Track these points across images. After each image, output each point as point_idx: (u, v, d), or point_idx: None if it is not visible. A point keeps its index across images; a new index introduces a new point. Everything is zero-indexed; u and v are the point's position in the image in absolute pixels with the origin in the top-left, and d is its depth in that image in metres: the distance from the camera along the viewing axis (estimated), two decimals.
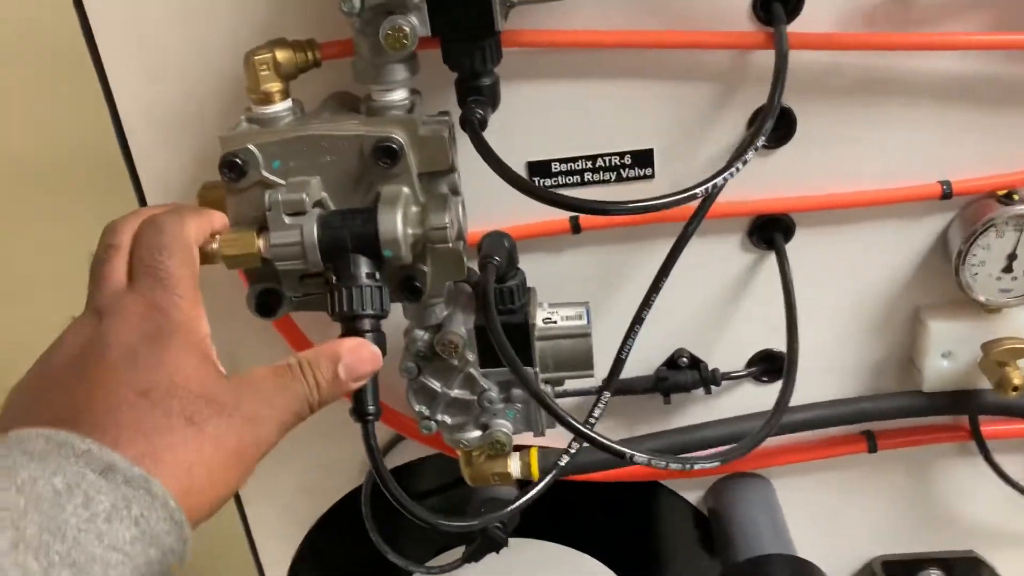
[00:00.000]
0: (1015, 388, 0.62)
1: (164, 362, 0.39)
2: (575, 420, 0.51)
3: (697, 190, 0.49)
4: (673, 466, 0.50)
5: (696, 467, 0.51)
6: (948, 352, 0.66)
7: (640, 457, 0.49)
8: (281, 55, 0.53)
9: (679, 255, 0.61)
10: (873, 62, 0.58)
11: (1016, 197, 0.60)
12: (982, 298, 0.63)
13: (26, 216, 0.99)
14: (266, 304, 0.54)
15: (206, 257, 0.50)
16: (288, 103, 0.53)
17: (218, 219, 0.50)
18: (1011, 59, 0.58)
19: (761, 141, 0.52)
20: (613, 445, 0.49)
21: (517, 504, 0.61)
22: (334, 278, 0.49)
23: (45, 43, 0.85)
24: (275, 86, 0.53)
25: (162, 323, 0.41)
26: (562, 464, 0.60)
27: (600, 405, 0.61)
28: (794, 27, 0.57)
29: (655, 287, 0.62)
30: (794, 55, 0.55)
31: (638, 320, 0.62)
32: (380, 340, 0.50)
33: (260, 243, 0.50)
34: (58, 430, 0.35)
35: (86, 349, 0.40)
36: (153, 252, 0.43)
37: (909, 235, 0.65)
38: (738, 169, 0.51)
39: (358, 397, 0.50)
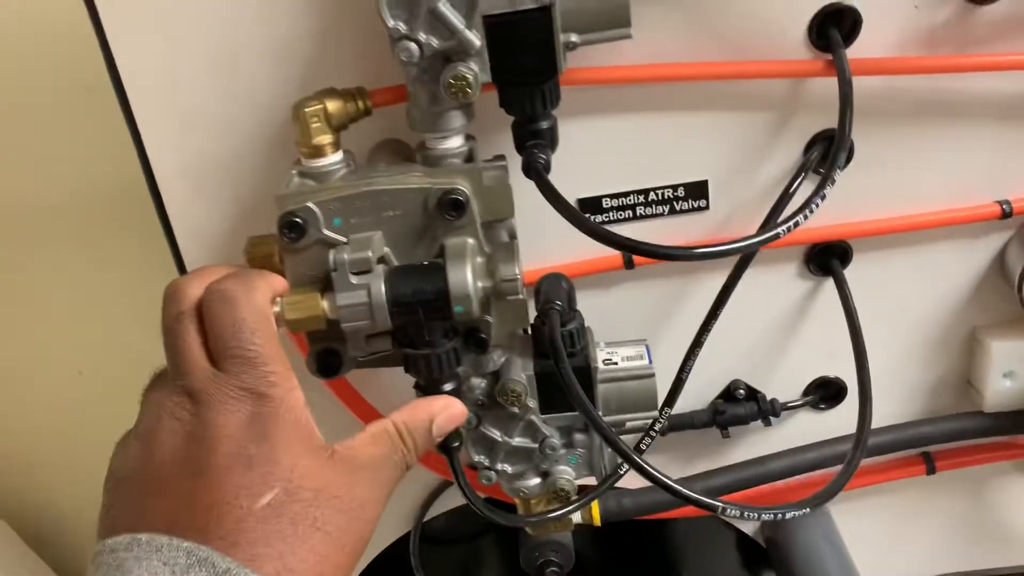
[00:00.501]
0: None
1: (277, 458, 0.39)
2: (656, 470, 0.49)
3: (779, 229, 0.48)
4: (765, 516, 0.48)
5: (789, 514, 0.49)
6: (1010, 372, 0.65)
7: (732, 510, 0.48)
8: (332, 106, 0.51)
9: (737, 283, 0.60)
10: (930, 84, 0.57)
11: None
12: None
13: (58, 263, 0.95)
14: (328, 365, 0.51)
15: None
16: (340, 155, 0.51)
17: (279, 283, 0.48)
18: None
19: (837, 175, 0.50)
20: (702, 499, 0.48)
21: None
22: (409, 341, 0.47)
23: (73, 86, 0.82)
24: (327, 138, 0.51)
25: (262, 409, 0.40)
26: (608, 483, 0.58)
27: (653, 432, 0.60)
28: (851, 52, 0.55)
29: (714, 312, 0.60)
30: (853, 80, 0.54)
31: (698, 343, 0.61)
32: (458, 391, 0.51)
33: (325, 305, 0.48)
34: (199, 544, 0.35)
35: (192, 443, 0.39)
36: (235, 331, 0.42)
37: (967, 255, 0.64)
38: (816, 206, 0.49)
39: None
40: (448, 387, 0.49)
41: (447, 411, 0.47)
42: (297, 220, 0.48)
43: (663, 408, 0.61)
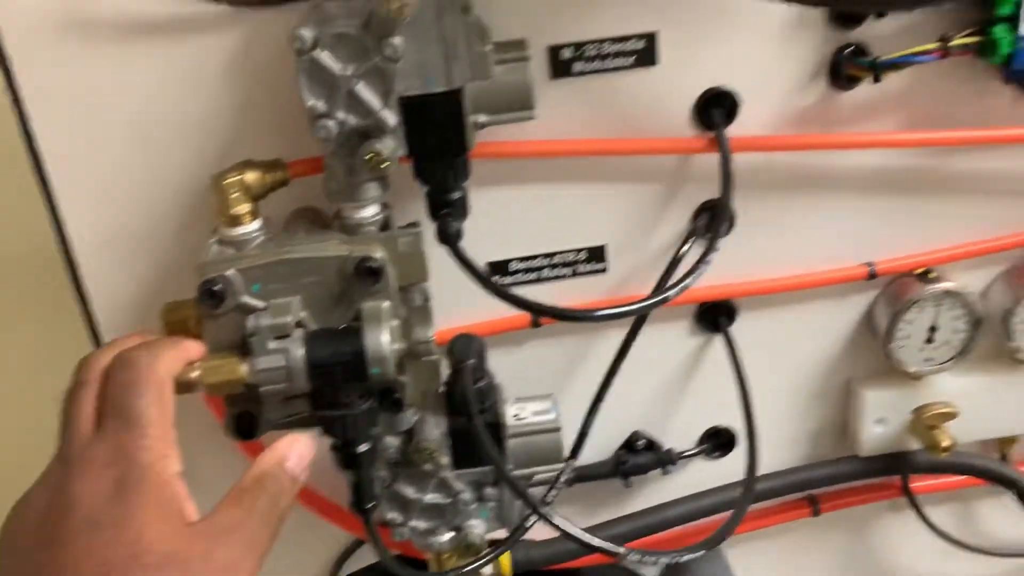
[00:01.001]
0: (945, 449, 0.67)
1: (128, 522, 0.38)
2: (566, 522, 0.52)
3: (670, 292, 0.52)
4: (664, 560, 0.52)
5: (686, 557, 0.53)
6: (881, 418, 0.71)
7: (634, 555, 0.51)
8: (250, 177, 0.53)
9: (634, 341, 0.64)
10: (801, 159, 0.64)
11: (932, 275, 0.66)
12: (911, 369, 0.68)
13: None
14: (245, 427, 0.53)
15: (186, 386, 0.49)
16: (259, 223, 0.53)
17: (194, 349, 0.49)
18: (923, 153, 0.64)
19: (719, 243, 0.55)
20: (607, 546, 0.51)
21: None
22: (325, 403, 0.49)
23: None
24: (245, 207, 0.53)
25: (127, 471, 0.40)
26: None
27: (566, 475, 0.63)
28: (731, 131, 0.61)
29: (614, 368, 0.64)
30: (733, 155, 0.60)
31: (599, 398, 0.65)
32: (374, 451, 0.52)
33: (244, 369, 0.49)
34: None
35: (51, 510, 0.39)
36: (122, 391, 0.42)
37: (840, 313, 0.70)
38: (702, 271, 0.54)
39: (357, 490, 0.53)
40: (363, 448, 0.51)
41: (294, 447, 0.45)
42: (216, 287, 0.49)
43: (568, 459, 0.64)
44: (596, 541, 0.52)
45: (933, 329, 0.68)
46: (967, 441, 0.71)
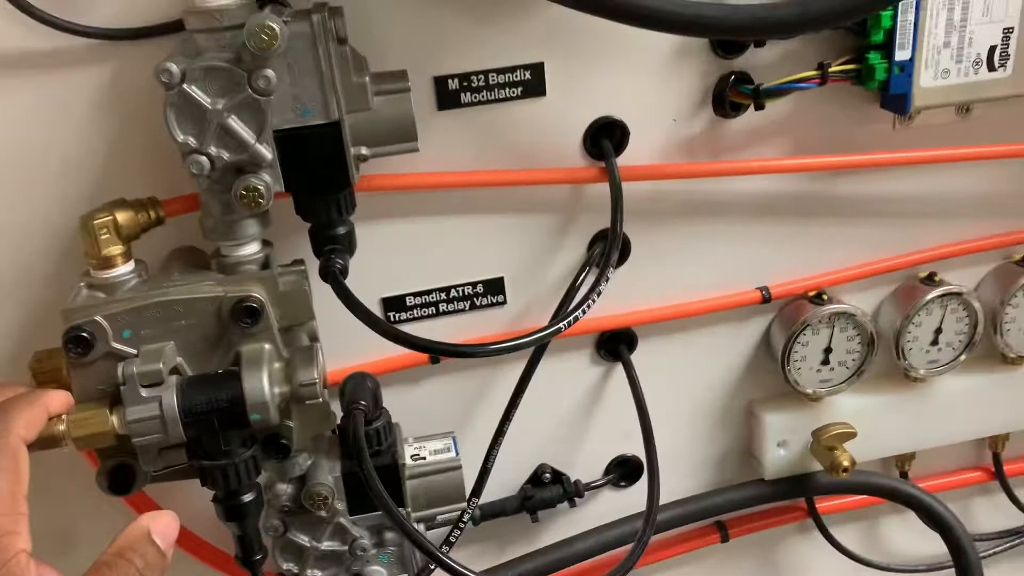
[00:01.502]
0: (845, 469, 0.68)
1: None
2: (460, 566, 0.51)
3: (561, 324, 0.51)
4: None
5: None
6: (783, 441, 0.71)
7: None
8: (122, 216, 0.50)
9: (533, 373, 0.63)
10: (692, 187, 0.64)
11: (825, 297, 0.67)
12: (809, 390, 0.69)
13: None
14: (121, 481, 0.50)
15: (52, 441, 0.46)
16: (131, 265, 0.51)
17: (56, 401, 0.46)
18: (809, 178, 0.65)
19: (611, 272, 0.55)
20: None
21: None
22: (204, 452, 0.47)
23: None
24: (116, 249, 0.50)
25: None
26: None
27: (461, 524, 0.61)
28: (622, 160, 0.61)
29: (514, 402, 0.63)
30: (624, 185, 0.60)
31: (500, 432, 0.63)
32: (259, 501, 0.49)
33: (114, 420, 0.47)
34: None
35: None
36: None
37: (737, 337, 0.70)
38: (594, 300, 0.54)
39: (242, 544, 0.51)
40: (248, 497, 0.48)
41: (157, 520, 0.43)
42: (83, 334, 0.46)
43: (471, 498, 0.63)
44: None
45: (828, 350, 0.69)
46: (867, 460, 0.72)
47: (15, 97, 0.52)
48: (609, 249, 0.56)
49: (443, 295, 0.64)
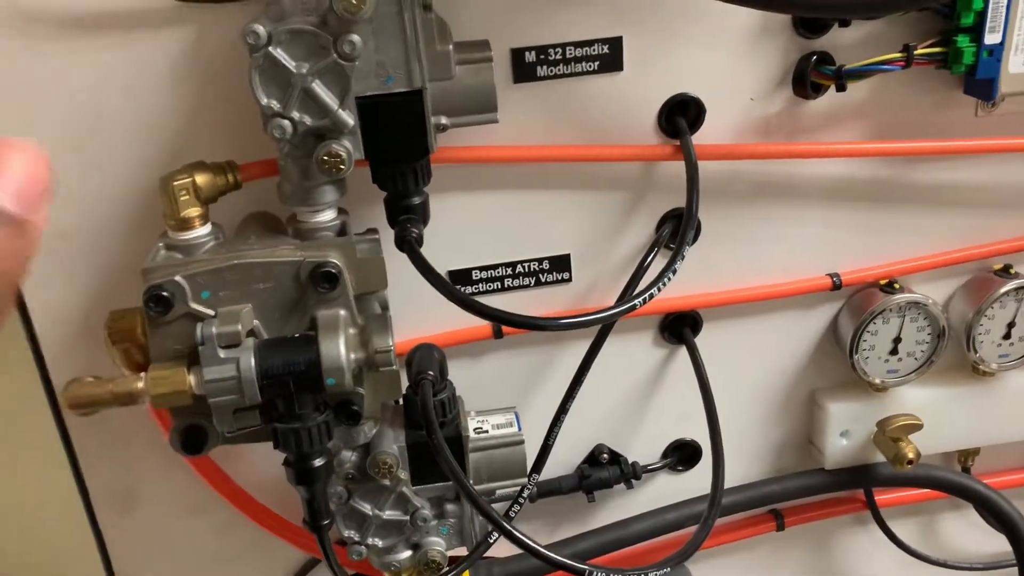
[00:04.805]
0: (910, 461, 0.67)
1: None
2: (529, 539, 0.50)
3: (636, 301, 0.51)
4: None
5: (652, 574, 0.51)
6: (845, 431, 0.70)
7: (600, 573, 0.49)
8: (201, 179, 0.51)
9: (599, 351, 0.63)
10: (767, 168, 0.63)
11: (897, 286, 0.66)
12: (876, 380, 0.68)
13: None
14: (193, 441, 0.50)
15: (130, 398, 0.47)
16: (208, 227, 0.51)
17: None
18: (886, 163, 0.64)
19: (687, 250, 0.54)
20: (571, 563, 0.49)
21: None
22: (278, 415, 0.47)
23: None
24: (195, 211, 0.50)
25: None
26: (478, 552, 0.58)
27: (521, 500, 0.61)
28: (695, 139, 0.60)
29: (578, 379, 0.63)
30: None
31: (563, 410, 0.63)
32: (329, 466, 0.48)
33: (191, 380, 0.47)
34: None
35: None
36: None
37: (804, 323, 0.69)
38: (669, 279, 0.53)
39: (311, 508, 0.51)
40: (319, 462, 0.49)
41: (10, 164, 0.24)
42: (164, 293, 0.47)
43: (531, 474, 0.62)
44: (559, 558, 0.50)
45: (897, 340, 0.67)
46: (930, 453, 0.70)
47: (95, 57, 0.52)
48: (684, 228, 0.55)
49: (509, 270, 0.63)
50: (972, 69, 0.58)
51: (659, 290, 0.53)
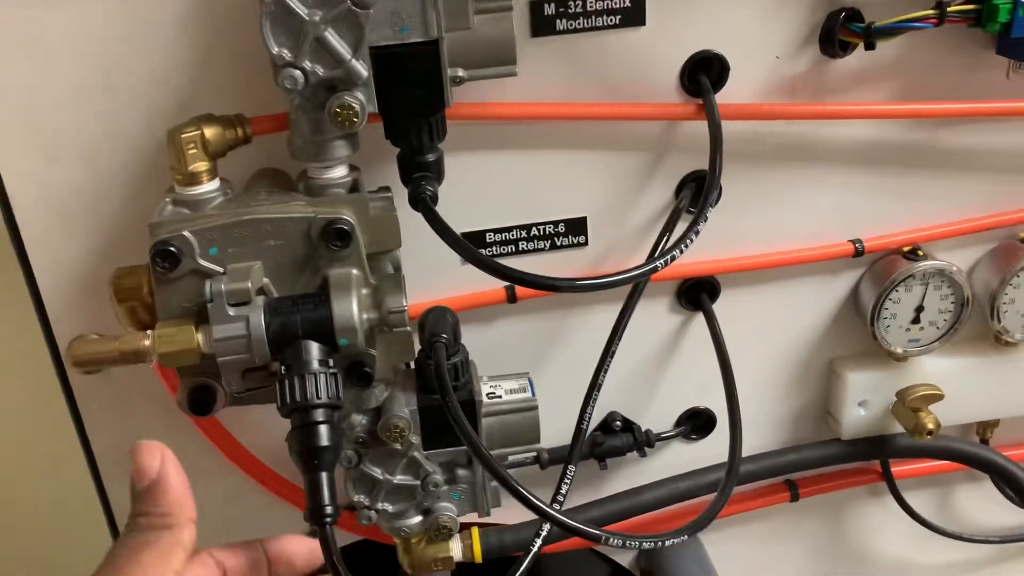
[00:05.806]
0: (929, 432, 0.65)
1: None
2: (542, 502, 0.49)
3: (657, 262, 0.49)
4: (646, 544, 0.49)
5: (669, 542, 0.50)
6: (863, 401, 0.69)
7: (615, 540, 0.48)
8: (210, 132, 0.49)
9: (629, 317, 0.62)
10: (791, 129, 0.61)
11: (920, 253, 0.64)
12: (897, 350, 0.66)
13: None
14: (201, 401, 0.49)
15: (137, 356, 0.46)
16: (217, 183, 0.50)
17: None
18: (913, 126, 0.62)
19: (709, 212, 0.52)
20: (587, 529, 0.48)
21: None
22: (283, 368, 0.45)
23: None
24: (203, 165, 0.49)
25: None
26: (535, 548, 0.57)
27: (567, 481, 0.60)
28: (719, 97, 0.58)
29: (608, 351, 0.62)
30: None
31: (595, 386, 0.62)
32: (336, 433, 0.46)
33: (200, 338, 0.46)
34: None
35: None
36: None
37: (825, 291, 0.68)
38: (692, 240, 0.52)
39: (313, 495, 0.46)
40: (319, 418, 0.45)
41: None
42: (171, 249, 0.45)
43: (567, 465, 0.61)
44: (576, 524, 0.49)
45: (920, 309, 0.66)
46: (949, 425, 0.69)
47: (102, 6, 0.51)
48: (708, 189, 0.53)
49: (523, 232, 0.62)
50: (1007, 27, 0.56)
51: (681, 252, 0.51)
